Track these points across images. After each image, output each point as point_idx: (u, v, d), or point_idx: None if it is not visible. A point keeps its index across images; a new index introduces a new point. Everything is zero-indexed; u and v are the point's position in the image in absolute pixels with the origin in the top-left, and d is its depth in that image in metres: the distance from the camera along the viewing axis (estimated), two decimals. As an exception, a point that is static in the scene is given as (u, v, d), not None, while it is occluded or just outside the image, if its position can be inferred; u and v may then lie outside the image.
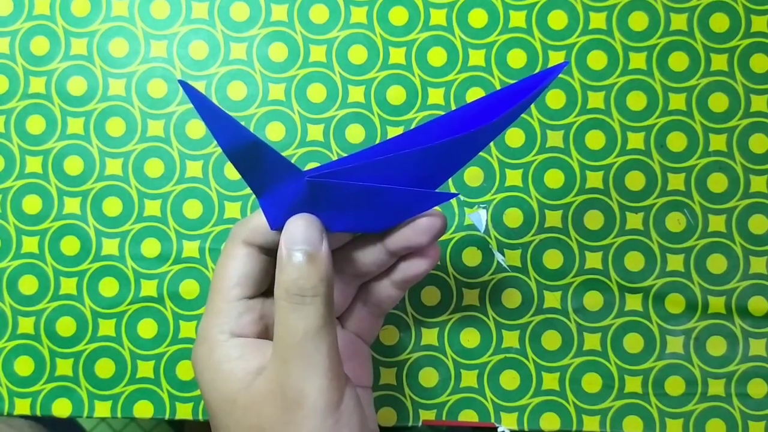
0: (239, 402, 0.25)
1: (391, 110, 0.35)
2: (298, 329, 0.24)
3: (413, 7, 0.36)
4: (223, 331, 0.26)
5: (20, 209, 0.35)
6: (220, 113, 0.23)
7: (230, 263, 0.27)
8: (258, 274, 0.27)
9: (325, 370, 0.24)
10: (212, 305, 0.27)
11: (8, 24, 0.36)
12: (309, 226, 0.25)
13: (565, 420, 0.34)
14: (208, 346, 0.26)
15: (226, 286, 0.26)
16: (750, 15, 0.35)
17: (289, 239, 0.24)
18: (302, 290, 0.24)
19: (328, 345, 0.24)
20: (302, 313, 0.24)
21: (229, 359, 0.25)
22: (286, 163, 0.24)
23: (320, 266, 0.24)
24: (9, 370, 0.35)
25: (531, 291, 0.35)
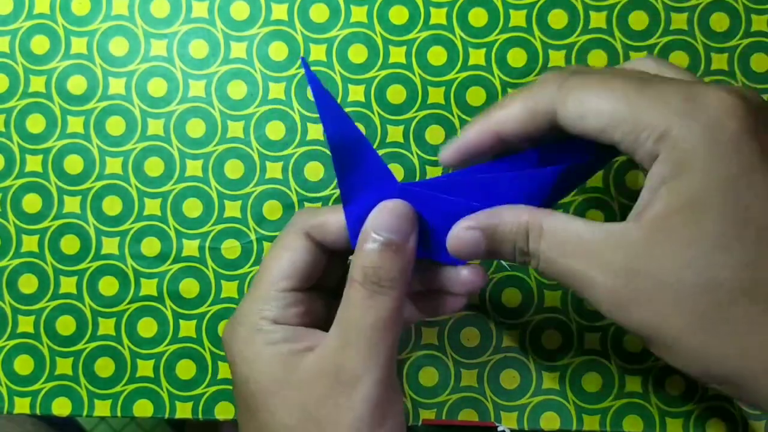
0: (291, 381, 0.24)
1: (391, 109, 0.35)
2: (369, 316, 0.23)
3: (413, 6, 0.36)
4: (265, 318, 0.25)
5: (20, 208, 0.35)
6: (333, 103, 0.23)
7: (285, 254, 0.26)
8: (312, 269, 0.26)
9: (386, 364, 0.24)
10: (259, 291, 0.26)
11: (8, 23, 0.36)
12: (402, 214, 0.24)
13: (565, 419, 0.34)
14: (247, 330, 0.25)
15: (276, 275, 0.26)
16: (750, 14, 0.35)
17: (379, 223, 0.24)
18: (380, 279, 0.23)
19: (393, 340, 0.24)
20: (376, 301, 0.23)
21: (274, 342, 0.25)
22: (384, 168, 0.24)
23: (404, 259, 0.24)
24: (9, 368, 0.35)
25: (531, 290, 0.35)
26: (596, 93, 0.22)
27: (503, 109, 0.24)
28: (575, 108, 0.22)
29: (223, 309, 0.35)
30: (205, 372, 0.35)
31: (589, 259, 0.22)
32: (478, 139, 0.25)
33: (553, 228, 0.23)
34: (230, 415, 0.35)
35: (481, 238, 0.24)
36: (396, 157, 0.35)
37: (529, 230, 0.23)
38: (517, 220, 0.23)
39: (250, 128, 0.35)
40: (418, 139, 0.35)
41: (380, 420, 0.24)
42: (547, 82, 0.23)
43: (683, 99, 0.20)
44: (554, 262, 0.22)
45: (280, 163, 0.35)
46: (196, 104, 0.35)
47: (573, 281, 0.22)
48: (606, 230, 0.21)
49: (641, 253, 0.21)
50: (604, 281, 0.21)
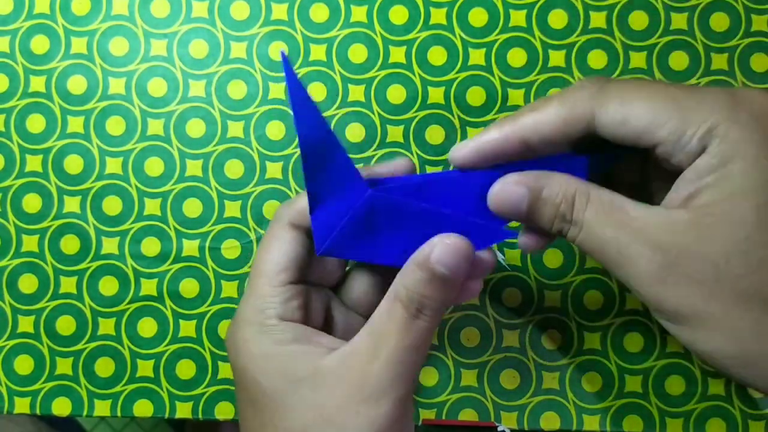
0: (307, 381, 0.24)
1: (391, 109, 0.35)
2: (407, 338, 0.24)
3: (413, 6, 0.36)
4: (270, 316, 0.25)
5: (20, 208, 0.35)
6: (308, 101, 0.23)
7: (276, 245, 0.26)
8: (304, 260, 0.26)
9: (410, 384, 0.24)
10: (256, 288, 0.26)
11: (8, 23, 0.36)
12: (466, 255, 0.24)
13: (565, 419, 0.34)
14: (254, 330, 0.25)
15: (272, 269, 0.26)
16: (750, 14, 0.35)
17: (443, 257, 0.24)
18: (424, 307, 0.24)
19: (421, 362, 0.24)
20: (416, 325, 0.24)
21: (284, 342, 0.25)
22: (353, 170, 0.24)
23: (449, 294, 0.24)
24: (9, 368, 0.35)
25: (531, 290, 0.35)
26: (639, 96, 0.22)
27: (536, 112, 0.24)
28: (617, 111, 0.22)
29: (223, 309, 0.35)
30: (205, 372, 0.35)
31: (635, 233, 0.22)
32: (503, 142, 0.24)
33: (600, 198, 0.23)
34: (230, 415, 0.35)
35: (527, 196, 0.24)
36: (396, 157, 0.35)
37: (576, 197, 0.23)
38: (565, 185, 0.23)
39: (250, 128, 0.35)
40: (418, 139, 0.35)
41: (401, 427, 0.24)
42: (584, 88, 0.23)
43: (727, 96, 0.21)
44: (598, 232, 0.23)
45: (280, 163, 0.35)
46: (196, 104, 0.35)
47: (613, 254, 0.22)
48: (654, 210, 0.22)
49: (689, 234, 0.21)
50: (649, 256, 0.22)
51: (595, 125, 0.23)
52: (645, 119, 0.22)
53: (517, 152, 0.24)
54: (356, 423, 0.24)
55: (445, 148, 0.35)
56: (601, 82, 0.23)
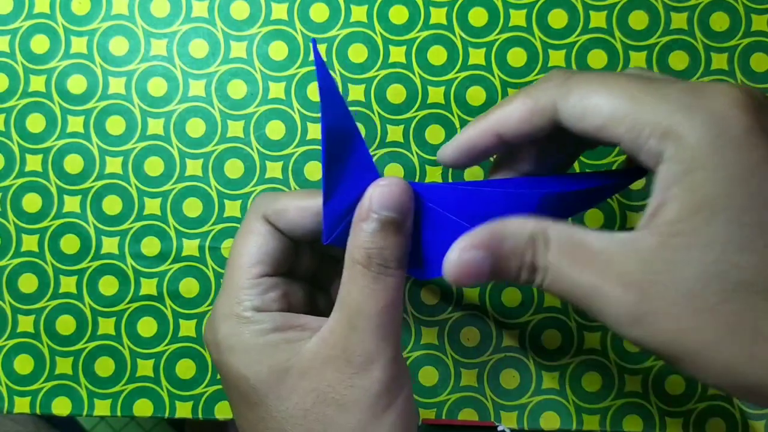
0: (294, 369, 0.24)
1: (391, 109, 0.35)
2: (379, 300, 0.23)
3: (413, 5, 0.36)
4: (246, 309, 0.25)
5: (20, 207, 0.35)
6: (336, 90, 0.23)
7: (250, 239, 0.25)
8: (279, 254, 0.26)
9: (395, 342, 0.24)
10: (232, 282, 0.25)
11: (8, 22, 0.36)
12: (403, 191, 0.23)
13: (565, 419, 0.34)
14: (232, 324, 0.25)
15: (246, 262, 0.25)
16: (750, 14, 0.35)
17: (379, 201, 0.23)
18: (386, 261, 0.23)
19: (399, 317, 0.24)
20: (383, 283, 0.23)
21: (263, 332, 0.24)
22: (371, 164, 0.24)
23: (405, 237, 0.23)
24: (9, 368, 0.35)
25: (531, 290, 0.35)
26: (597, 90, 0.21)
27: (503, 107, 0.24)
28: (576, 104, 0.21)
29: (223, 308, 0.35)
30: (205, 372, 0.35)
31: (602, 271, 0.20)
32: (478, 137, 0.24)
33: (558, 237, 0.21)
34: (230, 415, 0.35)
35: (486, 258, 0.21)
36: (396, 157, 0.35)
37: (535, 241, 0.21)
38: (522, 231, 0.21)
39: (250, 128, 0.35)
40: (418, 139, 0.35)
41: (396, 393, 0.24)
42: (549, 80, 0.23)
43: (686, 94, 0.20)
44: (562, 276, 0.21)
45: (280, 163, 0.35)
46: (196, 104, 0.35)
47: (583, 297, 0.20)
48: (617, 238, 0.20)
49: (657, 262, 0.19)
50: (618, 295, 0.19)
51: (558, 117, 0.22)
52: (603, 114, 0.21)
53: (494, 146, 0.24)
54: (352, 394, 0.23)
55: (445, 147, 0.35)
56: (567, 74, 0.22)
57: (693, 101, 0.19)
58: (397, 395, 0.24)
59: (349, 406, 0.24)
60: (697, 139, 0.19)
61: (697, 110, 0.19)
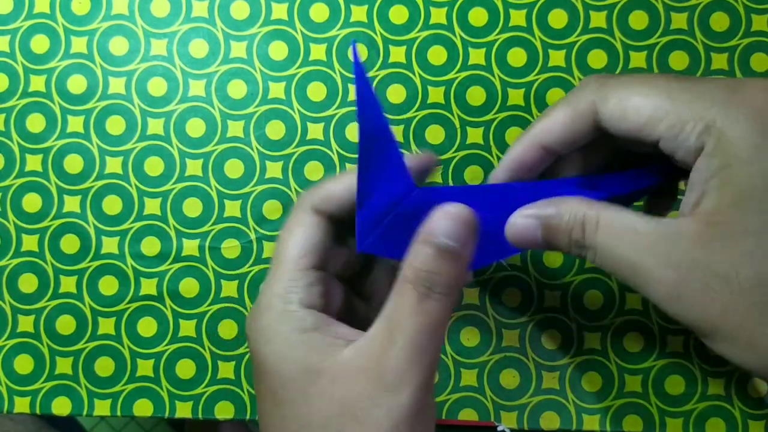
0: (326, 373, 0.24)
1: (392, 109, 0.35)
2: (418, 320, 0.23)
3: (413, 5, 0.36)
4: (291, 301, 0.25)
5: (20, 207, 0.35)
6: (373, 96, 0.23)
7: (299, 230, 0.26)
8: (326, 245, 0.26)
9: (430, 368, 0.23)
10: (278, 273, 0.25)
11: (8, 22, 0.36)
12: (465, 221, 0.23)
13: (565, 419, 0.34)
14: (274, 315, 0.25)
15: (295, 254, 0.25)
16: (750, 14, 0.35)
17: (440, 227, 0.23)
18: (434, 285, 0.23)
19: (439, 344, 0.23)
20: (427, 305, 0.23)
21: (305, 329, 0.24)
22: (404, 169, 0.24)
23: (461, 267, 0.23)
24: (9, 368, 0.35)
25: (531, 290, 0.35)
26: (638, 90, 0.22)
27: (544, 118, 0.25)
28: (617, 105, 0.22)
29: (223, 308, 0.35)
30: (205, 371, 0.35)
31: (646, 252, 0.22)
32: (525, 153, 0.25)
33: (609, 220, 0.23)
34: (230, 415, 0.35)
35: (538, 227, 0.24)
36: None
37: (585, 223, 0.23)
38: (573, 211, 0.23)
39: (250, 128, 0.35)
40: (418, 139, 0.35)
41: (420, 422, 0.23)
42: (586, 86, 0.24)
43: (724, 90, 0.21)
44: (610, 255, 0.23)
45: (280, 163, 0.35)
46: (196, 104, 0.35)
47: (629, 273, 0.22)
48: (662, 223, 0.22)
49: (698, 247, 0.21)
50: (661, 274, 0.21)
51: (599, 120, 0.23)
52: (644, 114, 0.22)
53: (540, 158, 0.25)
54: (376, 415, 0.23)
55: (445, 147, 0.35)
56: (604, 78, 0.23)
57: (731, 96, 0.21)
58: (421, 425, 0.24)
59: (369, 426, 0.23)
60: (737, 133, 0.20)
61: (736, 105, 0.21)
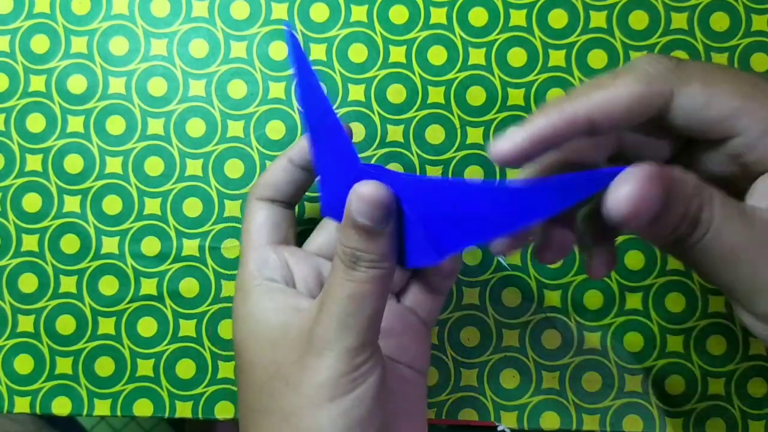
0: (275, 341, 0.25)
1: (391, 109, 0.35)
2: (346, 288, 0.24)
3: (413, 5, 0.36)
4: (254, 277, 0.27)
5: (20, 207, 0.35)
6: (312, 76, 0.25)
7: (251, 217, 0.29)
8: (279, 222, 0.29)
9: (357, 335, 0.24)
10: (243, 258, 0.28)
11: (8, 22, 0.36)
12: (379, 198, 0.23)
13: (565, 419, 0.34)
14: (242, 294, 0.27)
15: (251, 237, 0.28)
16: (750, 14, 0.35)
17: (357, 207, 0.23)
18: (358, 260, 0.24)
19: (370, 314, 0.24)
20: (353, 276, 0.24)
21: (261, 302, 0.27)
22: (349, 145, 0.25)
23: (381, 245, 0.24)
24: (9, 368, 0.35)
25: (531, 290, 0.35)
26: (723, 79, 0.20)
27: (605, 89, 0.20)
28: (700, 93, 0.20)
29: (223, 308, 0.35)
30: (205, 371, 0.35)
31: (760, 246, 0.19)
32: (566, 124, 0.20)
33: (728, 200, 0.20)
34: (230, 415, 0.35)
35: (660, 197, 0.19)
36: (396, 157, 0.35)
37: (702, 192, 0.19)
38: (690, 179, 0.19)
39: (250, 128, 0.35)
40: (418, 139, 0.35)
41: (346, 387, 0.24)
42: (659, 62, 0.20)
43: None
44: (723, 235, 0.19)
45: (280, 163, 0.35)
46: (196, 104, 0.35)
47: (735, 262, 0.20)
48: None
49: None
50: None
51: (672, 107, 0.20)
52: (730, 106, 0.20)
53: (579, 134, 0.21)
54: (301, 376, 0.24)
55: (445, 147, 0.35)
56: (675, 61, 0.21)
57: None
58: (348, 391, 0.24)
59: (295, 386, 0.24)
60: None
61: None
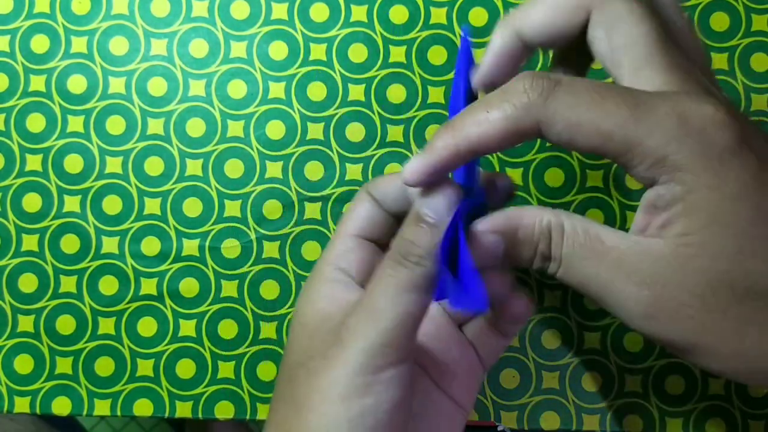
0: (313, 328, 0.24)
1: (392, 109, 0.35)
2: (382, 281, 0.23)
3: (413, 5, 0.36)
4: (329, 263, 0.26)
5: (20, 207, 0.35)
6: None
7: (352, 206, 0.27)
8: (377, 222, 0.26)
9: (384, 332, 0.22)
10: (331, 244, 0.27)
11: (8, 22, 0.36)
12: (443, 193, 0.23)
13: (565, 419, 0.34)
14: (312, 276, 0.26)
15: (343, 227, 0.27)
16: (750, 14, 0.35)
17: (426, 199, 0.23)
18: (406, 253, 0.23)
19: (403, 312, 0.22)
20: (396, 271, 0.23)
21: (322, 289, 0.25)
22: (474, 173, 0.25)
23: (435, 237, 0.23)
24: (9, 368, 0.35)
25: (531, 290, 0.35)
26: (588, 116, 0.21)
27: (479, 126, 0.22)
28: (565, 131, 0.21)
29: (223, 308, 0.35)
30: (205, 371, 0.35)
31: (615, 268, 0.21)
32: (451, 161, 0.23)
33: (573, 230, 0.22)
34: (230, 415, 0.35)
35: (500, 243, 0.23)
36: (396, 157, 0.35)
37: (552, 231, 0.22)
38: (537, 221, 0.22)
39: (250, 128, 0.35)
40: (418, 139, 0.35)
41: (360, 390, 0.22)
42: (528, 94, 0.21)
43: (677, 123, 0.20)
44: (576, 269, 0.22)
45: (280, 163, 0.35)
46: (196, 104, 0.35)
47: (596, 290, 0.22)
48: (629, 240, 0.21)
49: (670, 267, 0.21)
50: (634, 292, 0.21)
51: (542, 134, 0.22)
52: (593, 140, 0.21)
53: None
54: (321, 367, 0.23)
55: (445, 147, 0.35)
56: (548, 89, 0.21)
57: (682, 128, 0.20)
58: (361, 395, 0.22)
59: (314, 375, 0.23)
60: (693, 165, 0.20)
61: (690, 138, 0.20)
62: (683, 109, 0.21)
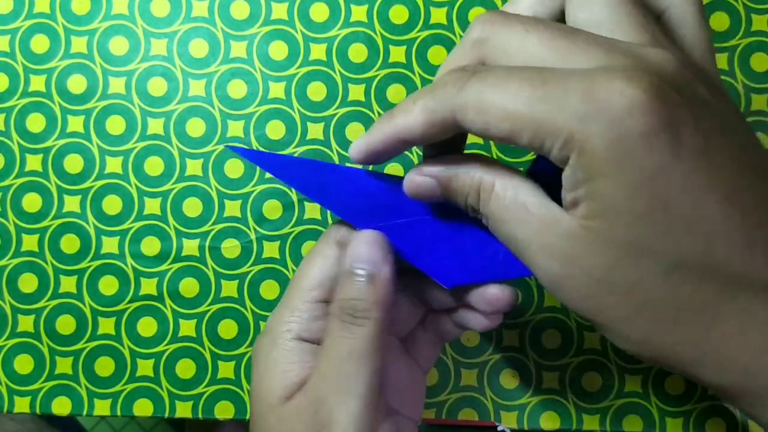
0: (275, 412, 0.24)
1: (392, 108, 0.35)
2: (343, 348, 0.23)
3: (413, 5, 0.36)
4: (290, 330, 0.25)
5: (20, 207, 0.35)
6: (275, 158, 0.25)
7: (317, 261, 0.26)
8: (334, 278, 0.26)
9: (362, 396, 0.23)
10: (287, 300, 0.25)
11: (8, 22, 0.36)
12: (374, 243, 0.24)
13: (565, 419, 0.34)
14: (270, 340, 0.25)
15: (307, 284, 0.25)
16: (750, 14, 0.35)
17: (352, 254, 0.24)
18: (354, 310, 0.23)
19: (371, 371, 0.23)
20: (349, 332, 0.23)
21: (285, 361, 0.24)
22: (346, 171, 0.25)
23: (378, 289, 0.23)
24: (9, 368, 0.35)
25: (531, 290, 0.35)
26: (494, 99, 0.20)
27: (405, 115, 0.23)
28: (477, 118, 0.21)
29: (223, 308, 0.35)
30: (205, 371, 0.35)
31: (532, 236, 0.21)
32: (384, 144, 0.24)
33: (504, 191, 0.22)
34: (230, 415, 0.35)
35: (437, 186, 0.24)
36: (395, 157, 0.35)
37: (480, 190, 0.23)
38: (471, 175, 0.23)
39: (250, 128, 0.35)
40: (418, 139, 0.35)
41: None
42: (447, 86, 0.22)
43: (583, 99, 0.19)
44: (500, 227, 0.22)
45: (280, 163, 0.35)
46: (196, 104, 0.35)
47: (515, 250, 0.22)
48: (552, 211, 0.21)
49: (576, 246, 0.21)
50: (545, 263, 0.21)
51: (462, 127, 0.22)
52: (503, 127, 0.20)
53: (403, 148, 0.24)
54: None
55: (445, 147, 0.35)
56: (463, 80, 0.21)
57: (589, 106, 0.19)
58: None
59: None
60: (595, 148, 0.19)
61: (594, 118, 0.19)
62: (593, 87, 0.19)
